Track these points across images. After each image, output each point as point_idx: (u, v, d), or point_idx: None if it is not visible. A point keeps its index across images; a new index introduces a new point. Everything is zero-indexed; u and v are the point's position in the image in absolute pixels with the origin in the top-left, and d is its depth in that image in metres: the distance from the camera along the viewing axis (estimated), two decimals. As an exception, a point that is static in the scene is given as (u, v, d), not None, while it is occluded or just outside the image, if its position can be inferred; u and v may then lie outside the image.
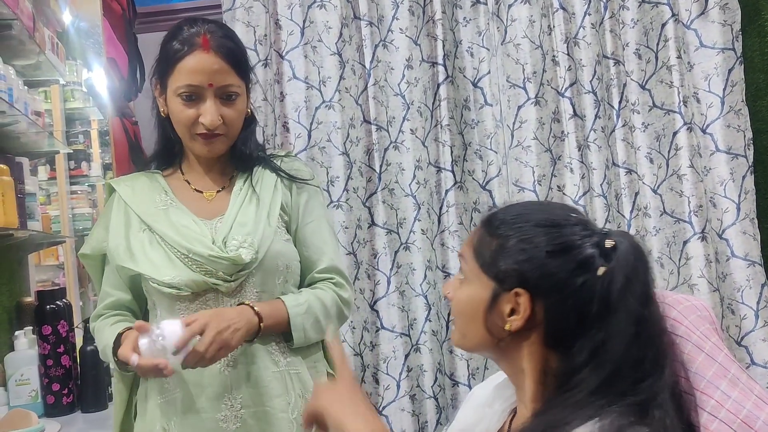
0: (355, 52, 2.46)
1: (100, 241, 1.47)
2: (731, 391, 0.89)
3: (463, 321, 0.96)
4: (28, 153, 2.00)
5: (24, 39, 1.79)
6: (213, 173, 1.51)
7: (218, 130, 1.40)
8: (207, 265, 1.37)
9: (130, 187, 1.49)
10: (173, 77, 1.39)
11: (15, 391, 1.55)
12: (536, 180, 2.40)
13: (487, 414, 1.03)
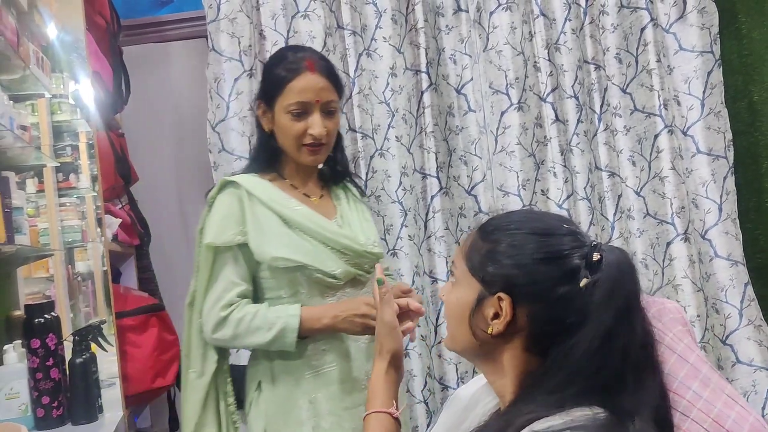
0: (339, 61, 2.48)
1: (232, 234, 1.56)
2: (703, 391, 0.91)
3: (453, 323, 0.98)
4: (15, 167, 2.01)
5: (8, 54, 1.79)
6: (313, 181, 1.71)
7: (323, 140, 1.60)
8: (356, 259, 1.59)
9: (259, 187, 1.61)
10: (283, 96, 1.59)
11: (5, 405, 1.55)
12: (520, 184, 2.43)
13: (469, 417, 1.05)
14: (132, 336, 1.99)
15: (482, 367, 0.99)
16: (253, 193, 1.58)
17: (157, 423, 2.58)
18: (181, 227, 2.76)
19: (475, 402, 1.07)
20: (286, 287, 1.57)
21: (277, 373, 1.58)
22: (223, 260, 1.57)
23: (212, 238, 1.57)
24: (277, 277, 1.56)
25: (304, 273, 1.55)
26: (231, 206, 1.58)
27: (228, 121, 2.46)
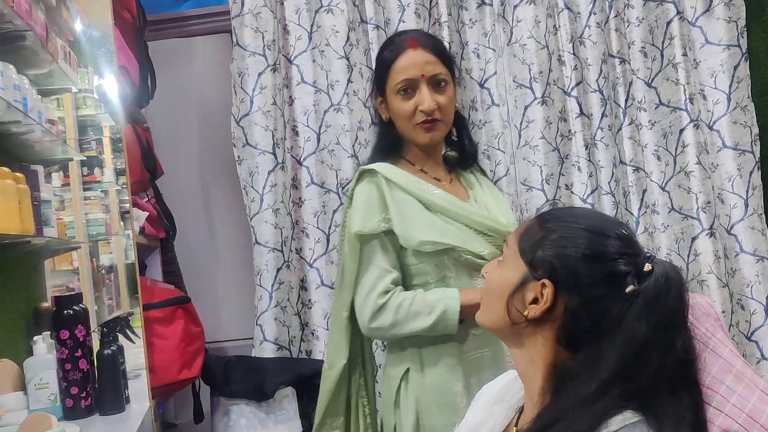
0: (362, 56, 2.48)
1: (377, 221, 1.57)
2: (736, 386, 0.90)
3: (490, 298, 1.00)
4: (43, 161, 2.03)
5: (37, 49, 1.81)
6: (440, 165, 1.69)
7: (435, 115, 1.57)
8: (499, 240, 1.57)
9: (396, 174, 1.60)
10: (390, 79, 1.61)
11: (34, 395, 1.57)
12: (544, 179, 2.42)
13: (495, 411, 1.05)
14: (158, 328, 2.01)
15: (510, 348, 1.02)
16: (391, 179, 1.58)
17: (181, 415, 2.61)
18: (206, 221, 2.77)
19: (501, 397, 1.08)
20: (433, 272, 1.56)
21: (426, 360, 1.56)
22: (372, 249, 1.58)
23: (359, 227, 1.58)
24: (423, 262, 1.56)
25: (451, 256, 1.55)
26: (371, 194, 1.59)
27: (252, 115, 2.47)
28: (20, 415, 1.49)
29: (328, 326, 2.43)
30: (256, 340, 2.44)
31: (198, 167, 2.77)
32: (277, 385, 2.23)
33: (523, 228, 1.01)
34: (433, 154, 1.67)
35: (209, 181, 2.77)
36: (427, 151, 1.66)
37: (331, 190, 2.46)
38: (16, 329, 1.80)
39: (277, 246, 2.47)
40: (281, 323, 2.46)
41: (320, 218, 2.45)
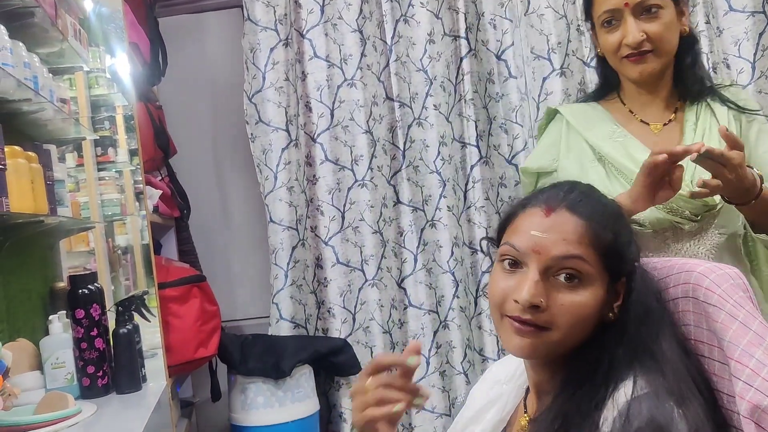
0: (376, 28, 2.44)
1: (547, 160, 1.50)
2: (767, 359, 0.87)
3: (577, 327, 0.87)
4: (56, 140, 2.02)
5: (47, 26, 1.79)
6: (657, 104, 1.46)
7: (644, 47, 1.38)
8: (674, 203, 1.34)
9: (580, 116, 1.49)
10: (594, 10, 1.45)
11: (51, 375, 1.57)
12: (563, 153, 2.37)
13: (505, 391, 1.02)
14: (174, 306, 2.00)
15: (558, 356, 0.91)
16: (570, 122, 1.49)
17: (198, 393, 2.62)
18: (220, 199, 2.76)
19: (510, 377, 1.05)
20: None
21: None
22: (525, 188, 1.55)
23: (528, 162, 1.53)
24: None
25: None
26: (553, 135, 1.53)
27: (264, 91, 2.44)
28: (37, 394, 1.49)
29: (345, 304, 2.42)
30: (273, 318, 2.44)
31: (211, 145, 2.75)
32: (294, 363, 2.22)
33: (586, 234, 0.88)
34: (651, 91, 1.45)
35: (223, 159, 2.75)
36: (643, 88, 1.45)
37: (346, 167, 2.43)
38: (33, 309, 1.80)
39: (292, 224, 2.45)
40: (297, 301, 2.45)
41: (335, 195, 2.43)
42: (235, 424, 2.27)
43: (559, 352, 0.89)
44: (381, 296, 2.43)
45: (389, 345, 2.43)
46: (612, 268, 0.89)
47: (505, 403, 1.01)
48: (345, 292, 2.42)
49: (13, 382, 1.42)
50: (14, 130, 1.70)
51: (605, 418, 0.82)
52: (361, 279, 2.43)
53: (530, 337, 0.87)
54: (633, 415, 0.81)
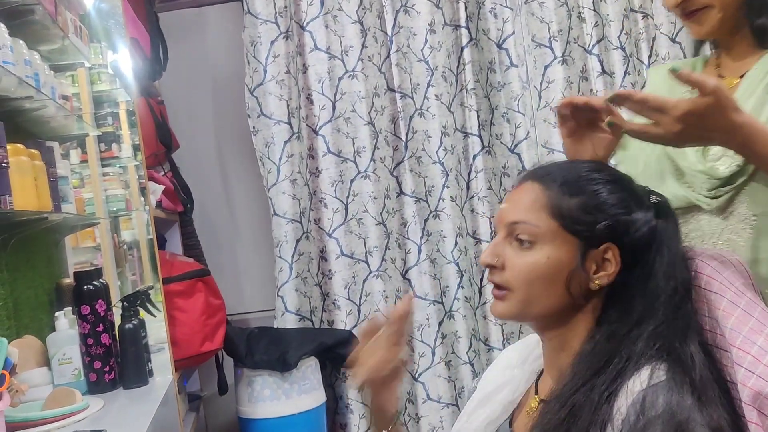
0: (376, 19, 2.43)
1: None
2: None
3: (535, 286, 0.91)
4: (59, 137, 2.02)
5: (47, 23, 1.79)
6: (736, 54, 1.24)
7: (695, 4, 1.18)
8: (687, 178, 1.20)
9: (657, 75, 1.36)
10: None
11: (58, 370, 1.58)
12: (565, 141, 2.36)
13: (516, 375, 1.03)
14: (179, 301, 2.01)
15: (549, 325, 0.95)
16: (648, 81, 1.39)
17: (206, 386, 2.63)
18: (224, 193, 2.76)
19: (522, 361, 1.05)
20: None
21: None
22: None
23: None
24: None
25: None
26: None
27: (266, 84, 2.44)
28: (45, 390, 1.50)
29: (350, 296, 2.43)
30: (278, 311, 2.45)
31: (214, 139, 2.75)
32: (300, 356, 2.23)
33: (546, 200, 0.92)
34: (728, 41, 1.25)
35: (225, 152, 2.76)
36: (723, 43, 1.27)
37: (348, 159, 2.43)
38: (39, 306, 1.81)
39: (296, 217, 2.46)
40: (302, 294, 2.46)
41: (338, 188, 2.43)
42: (243, 417, 2.29)
43: (536, 314, 0.94)
44: (386, 287, 2.43)
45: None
46: (581, 233, 0.90)
47: (516, 386, 1.02)
48: (350, 284, 2.43)
49: (21, 378, 1.43)
50: (16, 128, 1.71)
51: (618, 407, 0.82)
52: (365, 270, 2.43)
53: (499, 299, 0.95)
54: (648, 404, 0.81)
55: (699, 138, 0.97)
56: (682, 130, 0.94)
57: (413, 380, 2.42)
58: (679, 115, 0.93)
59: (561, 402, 0.87)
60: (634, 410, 0.81)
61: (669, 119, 0.94)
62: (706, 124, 0.94)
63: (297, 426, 2.23)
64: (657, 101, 0.95)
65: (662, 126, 0.94)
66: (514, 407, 1.01)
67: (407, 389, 2.44)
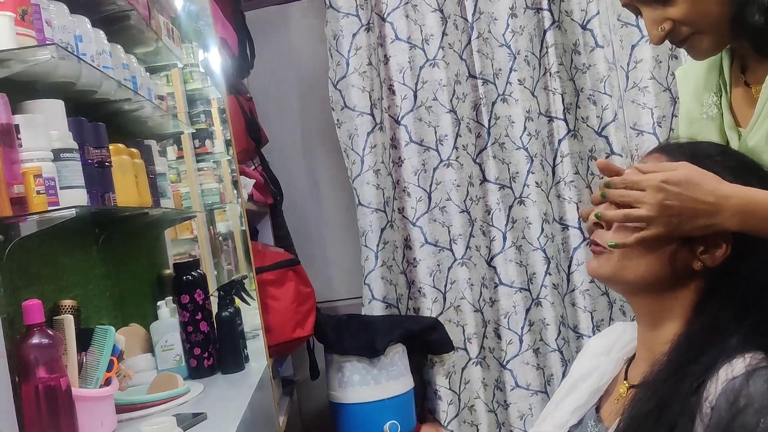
0: (456, 6, 2.42)
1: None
2: None
3: (637, 251, 0.91)
4: (156, 135, 2.13)
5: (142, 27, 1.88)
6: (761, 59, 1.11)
7: (681, 35, 1.07)
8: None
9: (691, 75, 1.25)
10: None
11: (161, 357, 1.68)
12: (655, 122, 2.29)
13: (603, 362, 1.02)
14: (271, 290, 2.09)
15: (642, 301, 0.95)
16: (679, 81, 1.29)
17: (298, 371, 2.72)
18: (310, 184, 2.84)
19: (609, 348, 1.04)
20: None
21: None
22: None
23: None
24: None
25: None
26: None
27: (349, 77, 2.48)
28: (149, 375, 1.60)
29: (435, 283, 2.45)
30: (365, 298, 2.49)
31: (300, 133, 2.82)
32: (388, 342, 2.27)
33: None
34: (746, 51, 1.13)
35: (312, 145, 2.82)
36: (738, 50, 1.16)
37: (431, 148, 2.44)
38: (143, 295, 1.92)
39: (380, 206, 2.49)
40: (388, 282, 2.50)
41: (421, 176, 2.44)
42: (334, 401, 2.35)
43: (631, 280, 0.92)
44: (471, 275, 2.43)
45: (481, 323, 2.44)
46: None
47: (602, 373, 1.02)
48: (434, 272, 2.44)
49: (128, 364, 1.53)
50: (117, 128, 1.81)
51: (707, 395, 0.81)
52: (450, 258, 2.44)
53: (596, 256, 0.95)
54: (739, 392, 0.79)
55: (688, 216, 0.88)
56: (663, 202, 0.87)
57: (501, 367, 2.42)
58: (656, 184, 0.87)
59: (651, 390, 0.86)
60: (725, 398, 0.79)
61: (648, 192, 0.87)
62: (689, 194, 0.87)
63: (386, 411, 2.27)
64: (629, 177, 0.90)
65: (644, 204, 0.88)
66: (601, 394, 1.01)
67: (495, 376, 2.44)
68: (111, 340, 1.27)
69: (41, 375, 1.11)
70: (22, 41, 1.16)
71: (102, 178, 1.41)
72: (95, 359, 1.26)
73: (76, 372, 1.22)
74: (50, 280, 1.35)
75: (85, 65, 1.38)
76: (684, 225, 0.88)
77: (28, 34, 1.18)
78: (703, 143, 1.02)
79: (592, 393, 1.01)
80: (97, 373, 1.25)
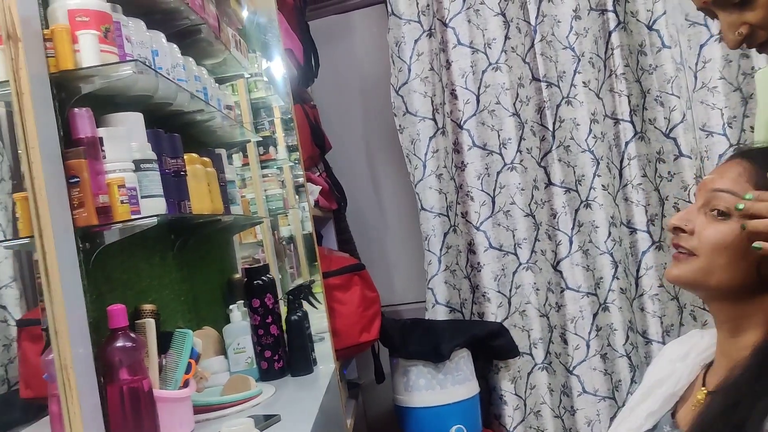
0: (518, 10, 2.41)
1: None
2: None
3: (721, 256, 0.90)
4: (225, 144, 2.19)
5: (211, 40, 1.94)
6: None
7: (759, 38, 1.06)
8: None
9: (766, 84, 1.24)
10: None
11: (234, 359, 1.73)
12: (726, 123, 2.23)
13: (678, 368, 1.01)
14: (338, 294, 2.12)
15: (724, 305, 0.93)
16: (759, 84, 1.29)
17: (363, 375, 2.75)
18: (373, 190, 2.86)
19: (685, 354, 1.03)
20: None
21: None
22: None
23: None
24: None
25: None
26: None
27: (410, 83, 2.50)
28: (222, 377, 1.65)
29: (500, 288, 2.44)
30: (429, 303, 2.50)
31: (363, 139, 2.86)
32: (453, 347, 2.27)
33: (752, 175, 0.90)
34: None
35: (374, 151, 2.85)
36: None
37: (494, 152, 2.43)
38: (215, 299, 1.98)
39: (443, 211, 2.50)
40: (452, 286, 2.50)
41: (484, 180, 2.44)
42: (400, 405, 2.37)
43: (713, 286, 0.91)
44: (536, 279, 2.42)
45: (546, 328, 2.42)
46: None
47: (678, 379, 1.00)
48: (499, 276, 2.44)
49: (203, 366, 1.58)
50: (190, 138, 1.88)
51: None
52: (515, 263, 2.43)
53: (678, 262, 0.94)
54: None
55: None
56: None
57: (568, 373, 2.39)
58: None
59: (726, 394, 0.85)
60: None
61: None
62: None
63: (452, 415, 2.27)
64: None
65: None
66: (676, 400, 0.99)
67: (562, 382, 2.41)
68: (189, 343, 1.32)
69: (125, 377, 1.16)
70: (106, 58, 1.21)
71: (178, 186, 1.46)
72: (174, 362, 1.31)
73: (157, 374, 1.27)
74: (131, 285, 1.41)
75: (161, 78, 1.43)
76: None
77: (110, 51, 1.24)
78: None
79: (667, 398, 0.99)
80: (176, 374, 1.30)
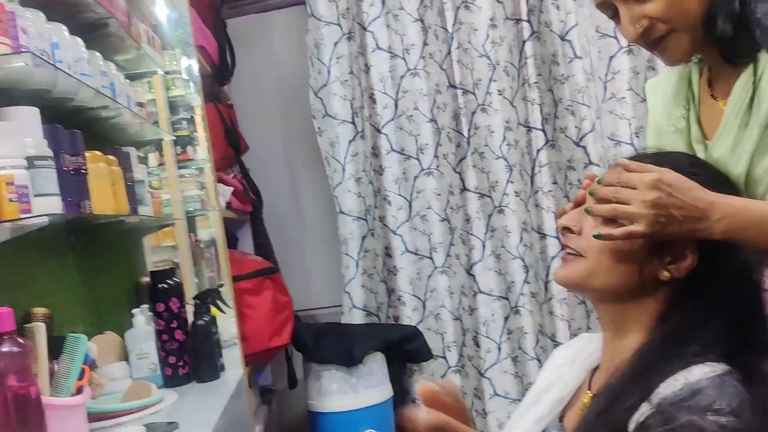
0: (436, 17, 2.44)
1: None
2: None
3: (606, 258, 0.90)
4: (135, 142, 2.12)
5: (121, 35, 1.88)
6: (728, 72, 1.10)
7: (656, 33, 1.06)
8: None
9: (660, 89, 1.24)
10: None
11: (136, 365, 1.67)
12: (633, 132, 2.31)
13: (566, 372, 1.03)
14: (248, 298, 2.09)
15: (608, 309, 0.95)
16: (649, 94, 1.28)
17: (277, 381, 2.71)
18: (291, 192, 2.84)
19: (572, 359, 1.05)
20: None
21: None
22: None
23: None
24: None
25: None
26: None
27: (330, 85, 2.49)
28: (124, 383, 1.59)
29: (415, 292, 2.45)
30: (345, 307, 2.50)
31: (281, 140, 2.82)
32: (366, 351, 2.27)
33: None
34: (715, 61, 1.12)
35: (293, 153, 2.83)
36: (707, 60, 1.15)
37: (411, 156, 2.45)
38: (119, 303, 1.91)
39: (361, 214, 2.49)
40: (368, 290, 2.50)
41: (401, 185, 2.45)
42: (313, 410, 2.35)
43: (598, 287, 0.91)
44: (450, 283, 2.44)
45: (460, 331, 2.45)
46: None
47: (566, 383, 1.02)
48: (414, 280, 2.45)
49: (101, 372, 1.52)
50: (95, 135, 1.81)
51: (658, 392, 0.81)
52: (430, 267, 2.45)
53: (566, 263, 0.94)
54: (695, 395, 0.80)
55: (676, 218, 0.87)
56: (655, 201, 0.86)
57: (480, 376, 2.42)
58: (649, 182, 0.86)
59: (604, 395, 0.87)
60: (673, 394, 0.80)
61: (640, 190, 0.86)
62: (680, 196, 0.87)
63: (365, 420, 2.27)
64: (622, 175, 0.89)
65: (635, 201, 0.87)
66: (564, 405, 1.01)
67: (474, 385, 2.45)
68: (82, 348, 1.26)
69: (11, 383, 1.10)
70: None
71: (78, 185, 1.40)
72: (66, 367, 1.25)
73: (47, 380, 1.21)
74: (23, 287, 1.34)
75: (61, 73, 1.37)
76: (669, 227, 0.87)
77: (2, 41, 1.18)
78: (673, 153, 1.03)
79: (554, 403, 1.01)
80: (68, 381, 1.24)
